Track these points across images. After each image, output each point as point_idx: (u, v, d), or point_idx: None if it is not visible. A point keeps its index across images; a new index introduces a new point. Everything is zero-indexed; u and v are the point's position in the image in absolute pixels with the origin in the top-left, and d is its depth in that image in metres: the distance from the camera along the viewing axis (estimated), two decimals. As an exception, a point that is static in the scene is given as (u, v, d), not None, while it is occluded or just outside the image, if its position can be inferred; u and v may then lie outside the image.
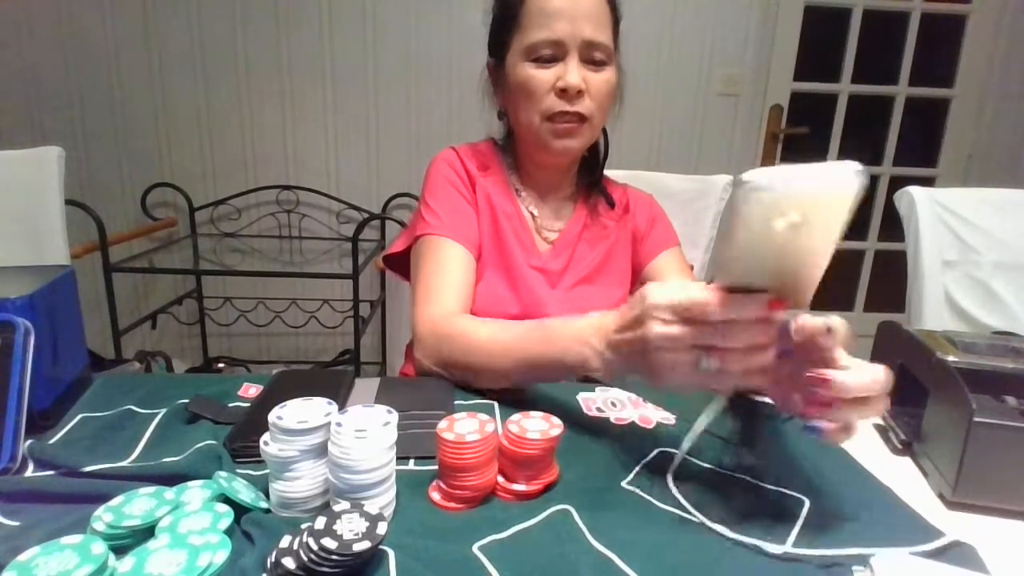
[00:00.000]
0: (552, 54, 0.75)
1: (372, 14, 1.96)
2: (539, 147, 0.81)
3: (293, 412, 0.43)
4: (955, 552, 0.41)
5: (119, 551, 0.38)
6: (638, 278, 0.90)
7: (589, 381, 0.68)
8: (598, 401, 0.64)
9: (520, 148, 0.86)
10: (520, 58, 0.77)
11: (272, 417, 0.42)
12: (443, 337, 0.69)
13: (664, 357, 0.44)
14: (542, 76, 0.75)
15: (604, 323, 0.54)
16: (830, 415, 0.42)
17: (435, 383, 0.67)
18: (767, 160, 2.21)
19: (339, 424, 0.42)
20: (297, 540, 0.37)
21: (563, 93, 0.75)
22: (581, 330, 0.56)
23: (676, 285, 0.45)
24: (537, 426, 0.47)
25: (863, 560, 0.40)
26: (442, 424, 0.46)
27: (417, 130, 2.06)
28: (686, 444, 0.50)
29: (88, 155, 1.97)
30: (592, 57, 0.75)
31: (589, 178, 0.90)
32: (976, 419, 0.47)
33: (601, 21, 0.75)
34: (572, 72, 0.74)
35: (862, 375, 0.41)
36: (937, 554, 0.41)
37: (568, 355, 0.57)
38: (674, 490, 0.48)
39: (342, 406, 0.54)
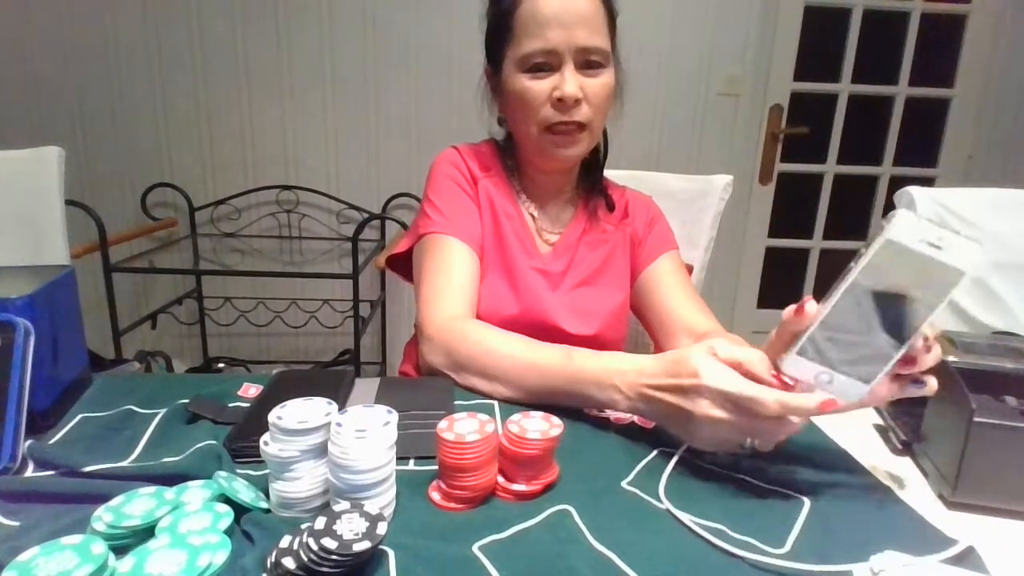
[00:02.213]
0: (547, 63, 0.74)
1: (372, 14, 1.96)
2: (539, 155, 0.81)
3: (293, 412, 0.43)
4: (955, 552, 0.41)
5: (119, 551, 0.38)
6: (636, 282, 0.89)
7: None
8: (599, 402, 0.64)
9: (520, 154, 0.86)
10: (515, 68, 0.75)
11: (272, 417, 0.42)
12: (454, 340, 0.68)
13: (703, 431, 0.49)
14: (538, 87, 0.74)
15: (637, 369, 0.55)
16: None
17: (435, 383, 0.67)
18: (767, 160, 2.21)
19: (339, 424, 0.42)
20: (297, 540, 0.37)
21: (560, 103, 0.74)
22: (608, 369, 0.57)
23: (730, 373, 0.48)
24: (537, 426, 0.47)
25: (862, 559, 0.40)
26: (442, 424, 0.46)
27: (417, 130, 2.06)
28: (684, 446, 0.50)
29: (88, 155, 1.97)
30: (588, 62, 0.74)
31: (589, 180, 0.90)
32: (976, 419, 0.47)
33: (595, 24, 0.73)
34: (568, 82, 0.73)
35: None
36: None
37: (595, 392, 0.58)
38: (664, 500, 0.47)
39: (342, 406, 0.54)
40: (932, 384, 0.47)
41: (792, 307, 0.47)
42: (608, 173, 0.92)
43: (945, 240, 0.41)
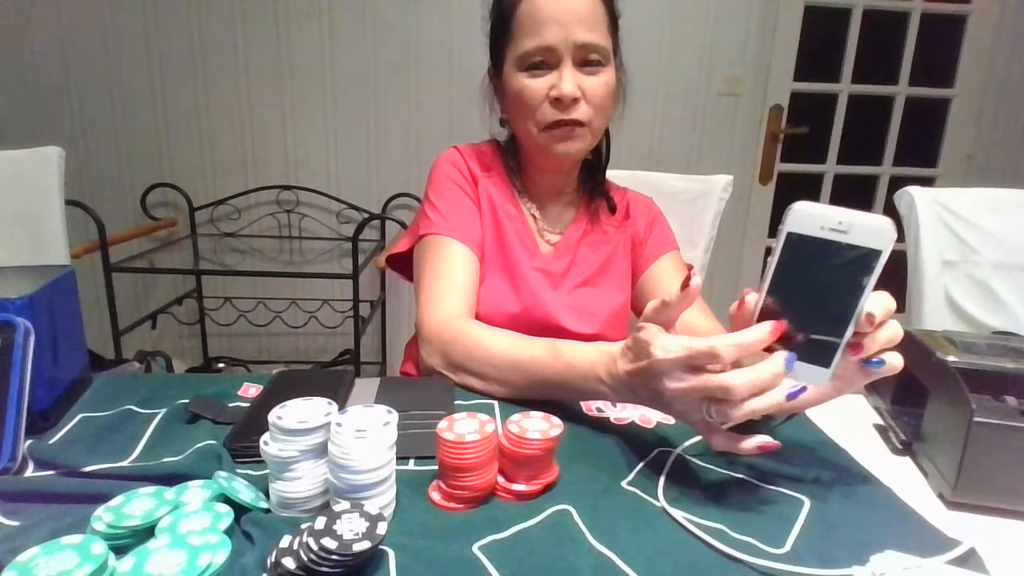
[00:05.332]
0: (545, 61, 0.74)
1: (372, 14, 1.96)
2: (540, 153, 0.81)
3: (293, 412, 0.43)
4: (958, 555, 0.41)
5: (119, 551, 0.38)
6: (638, 282, 0.89)
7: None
8: (598, 401, 0.64)
9: (522, 153, 0.86)
10: (514, 68, 0.76)
11: (272, 417, 0.42)
12: (451, 341, 0.68)
13: (677, 406, 0.48)
14: (535, 86, 0.74)
15: (612, 356, 0.54)
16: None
17: (435, 383, 0.67)
18: (767, 160, 2.21)
19: (339, 424, 0.42)
20: (297, 540, 0.37)
21: (557, 102, 0.74)
22: (594, 362, 0.56)
23: (679, 338, 0.47)
24: (537, 426, 0.47)
25: (862, 559, 0.40)
26: (442, 424, 0.46)
27: (417, 130, 2.06)
28: (683, 445, 0.50)
29: (88, 155, 1.97)
30: (587, 60, 0.74)
31: (591, 182, 0.90)
32: (976, 419, 0.47)
33: (594, 22, 0.73)
34: (566, 80, 0.72)
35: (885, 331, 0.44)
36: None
37: (583, 384, 0.57)
38: (663, 501, 0.47)
39: (342, 406, 0.54)
40: (893, 362, 0.45)
41: (736, 302, 0.47)
42: (608, 173, 0.92)
43: (848, 222, 0.40)
